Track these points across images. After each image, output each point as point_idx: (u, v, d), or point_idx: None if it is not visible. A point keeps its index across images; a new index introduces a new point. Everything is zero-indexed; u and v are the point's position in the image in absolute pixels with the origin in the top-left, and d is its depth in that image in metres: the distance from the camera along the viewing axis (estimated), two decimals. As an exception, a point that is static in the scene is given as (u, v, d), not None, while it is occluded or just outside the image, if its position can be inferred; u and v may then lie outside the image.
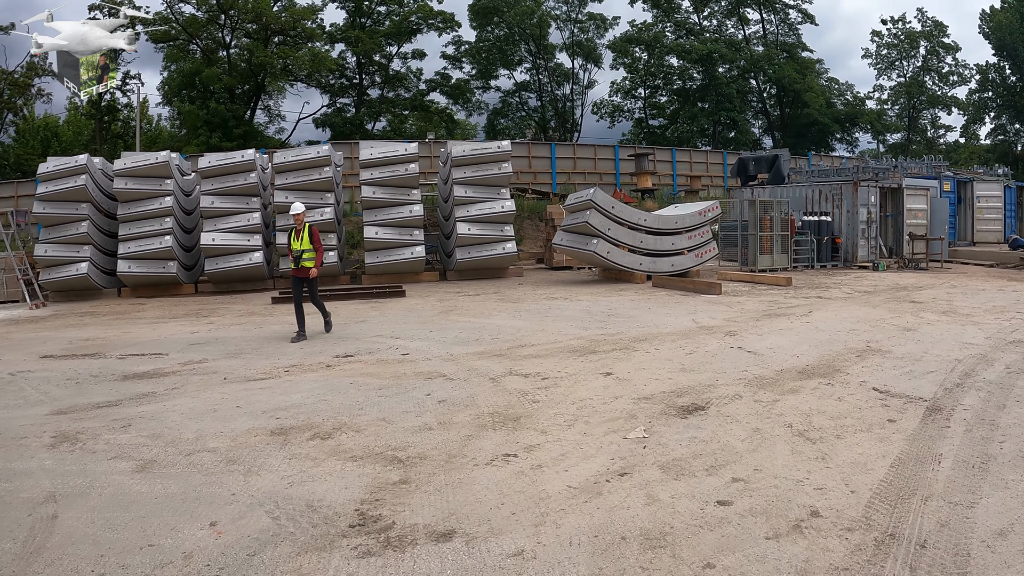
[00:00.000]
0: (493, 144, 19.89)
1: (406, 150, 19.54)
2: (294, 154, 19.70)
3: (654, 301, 14.40)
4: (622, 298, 14.97)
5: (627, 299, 14.79)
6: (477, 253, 19.48)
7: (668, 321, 11.70)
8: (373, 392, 7.44)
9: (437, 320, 12.29)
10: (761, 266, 21.28)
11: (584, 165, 35.84)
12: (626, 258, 18.13)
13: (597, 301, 14.44)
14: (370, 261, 19.31)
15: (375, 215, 19.32)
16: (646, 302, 14.27)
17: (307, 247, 11.39)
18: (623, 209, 18.17)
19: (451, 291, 17.15)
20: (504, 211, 19.55)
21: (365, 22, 45.70)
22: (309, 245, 11.39)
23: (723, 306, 13.61)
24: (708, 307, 13.46)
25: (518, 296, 15.67)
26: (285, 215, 19.31)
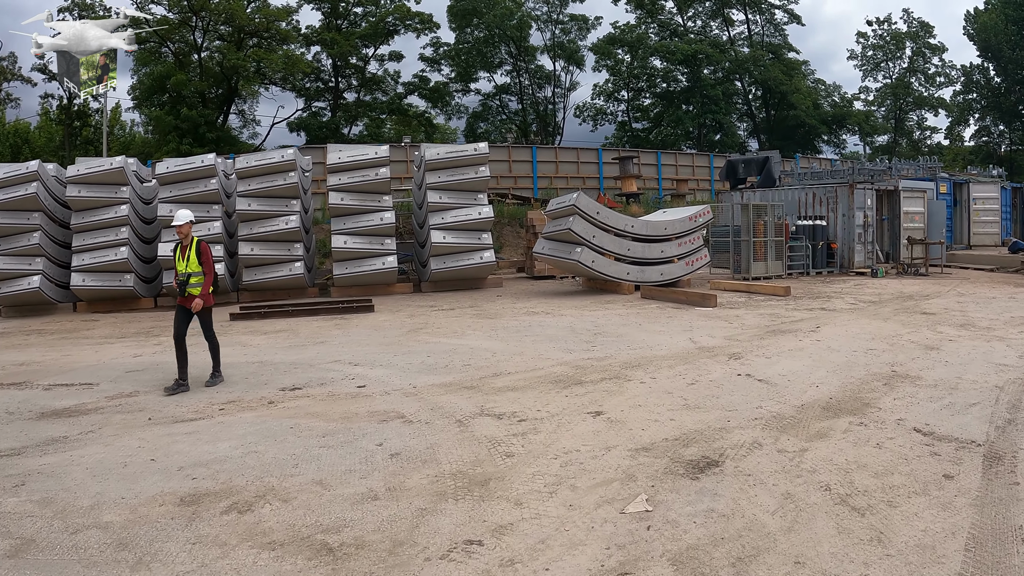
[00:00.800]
0: (469, 147, 18.64)
1: (376, 153, 18.25)
2: (257, 158, 18.38)
3: (644, 316, 13.18)
4: (609, 312, 13.75)
5: (615, 313, 13.56)
6: (453, 263, 18.22)
7: (662, 341, 10.48)
8: (315, 441, 6.15)
9: (404, 341, 11.00)
10: (755, 274, 20.15)
11: (566, 169, 34.66)
12: (612, 267, 16.93)
13: (582, 316, 13.21)
14: (339, 272, 17.99)
15: (344, 223, 18.01)
16: (636, 317, 13.05)
17: (195, 269, 8.89)
18: (608, 215, 16.96)
19: (424, 305, 15.87)
20: (482, 218, 18.30)
21: (341, 24, 44.38)
22: (198, 267, 8.89)
23: (721, 321, 12.41)
24: (705, 322, 12.25)
25: (496, 311, 14.41)
26: (249, 224, 18.00)
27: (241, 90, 38.90)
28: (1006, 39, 54.25)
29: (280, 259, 18.20)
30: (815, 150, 52.53)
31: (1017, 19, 54.86)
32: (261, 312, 15.08)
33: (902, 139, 59.95)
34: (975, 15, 57.12)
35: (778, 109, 52.35)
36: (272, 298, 18.43)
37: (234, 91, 40.74)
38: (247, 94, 41.61)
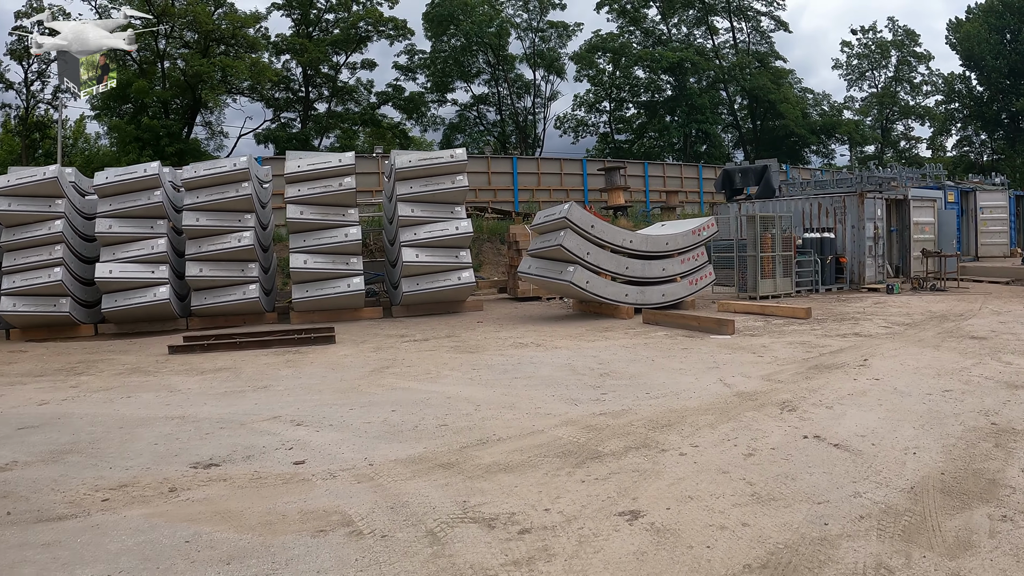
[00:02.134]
0: (445, 153, 16.59)
1: (340, 161, 16.16)
2: (206, 167, 16.22)
3: (655, 347, 11.15)
4: (611, 343, 11.71)
5: (618, 344, 11.53)
6: (427, 285, 16.13)
7: (687, 384, 8.44)
8: (214, 573, 4.04)
9: (365, 386, 8.88)
10: (763, 292, 18.32)
11: (549, 181, 32.73)
12: (609, 288, 14.93)
13: (580, 349, 11.15)
14: (298, 296, 15.87)
15: (303, 240, 15.91)
16: (644, 349, 11.02)
17: None
18: (604, 228, 14.97)
19: (394, 334, 13.75)
20: (459, 233, 16.26)
21: (312, 31, 42.28)
22: None
23: (748, 354, 10.41)
24: (729, 356, 10.24)
25: (477, 341, 12.31)
26: (198, 241, 15.87)
27: (205, 99, 36.48)
28: (989, 48, 53.52)
29: (232, 281, 16.08)
30: (803, 160, 51.02)
31: (1000, 28, 54.18)
32: (204, 344, 12.91)
33: (888, 149, 58.76)
34: (957, 24, 56.33)
35: (764, 119, 50.81)
36: (225, 324, 16.33)
37: (199, 101, 38.43)
38: (212, 104, 39.25)
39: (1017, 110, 54.18)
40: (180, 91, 38.17)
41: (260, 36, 39.65)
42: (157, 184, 16.12)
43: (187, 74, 36.47)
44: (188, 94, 38.33)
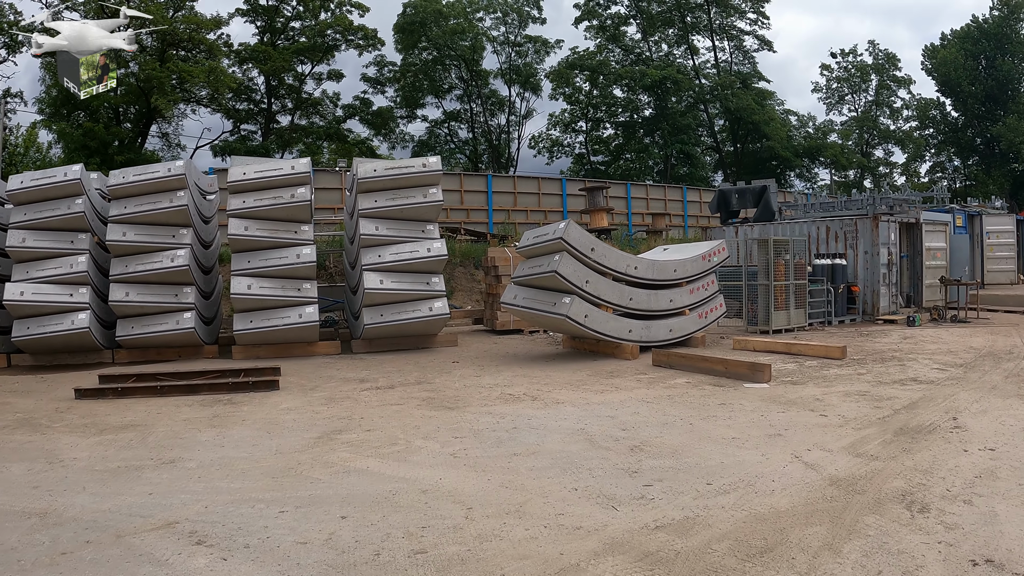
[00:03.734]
0: (416, 161, 14.24)
1: (293, 169, 13.73)
2: (136, 172, 13.72)
3: (683, 401, 8.86)
4: (626, 395, 9.39)
5: (635, 397, 9.21)
6: (393, 316, 13.71)
7: (752, 462, 6.16)
8: None
9: (308, 463, 6.45)
10: (776, 325, 16.31)
11: (526, 201, 30.53)
12: (610, 323, 12.66)
13: (590, 404, 8.81)
14: (241, 327, 13.37)
15: (248, 261, 13.45)
16: (670, 403, 8.72)
17: None
18: (606, 252, 12.71)
19: (353, 377, 11.30)
20: (431, 256, 13.91)
21: (277, 40, 39.80)
22: None
23: (803, 410, 8.18)
24: (782, 415, 7.99)
25: (456, 391, 9.91)
26: (125, 260, 13.40)
27: (158, 105, 33.65)
28: (965, 74, 52.82)
29: (164, 307, 13.59)
30: (786, 184, 49.48)
31: (975, 54, 53.64)
32: (118, 388, 10.38)
33: (867, 174, 57.69)
34: (933, 51, 55.72)
35: (746, 141, 49.23)
36: (157, 358, 13.86)
37: (153, 109, 35.65)
38: (166, 111, 36.42)
39: (993, 136, 53.61)
40: (134, 98, 35.47)
41: (221, 43, 37.17)
42: (79, 191, 13.61)
43: (139, 79, 33.76)
44: (142, 101, 35.58)
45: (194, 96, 36.67)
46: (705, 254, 14.62)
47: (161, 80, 32.02)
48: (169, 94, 32.88)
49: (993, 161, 54.72)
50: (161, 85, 32.05)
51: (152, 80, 31.98)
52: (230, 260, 19.45)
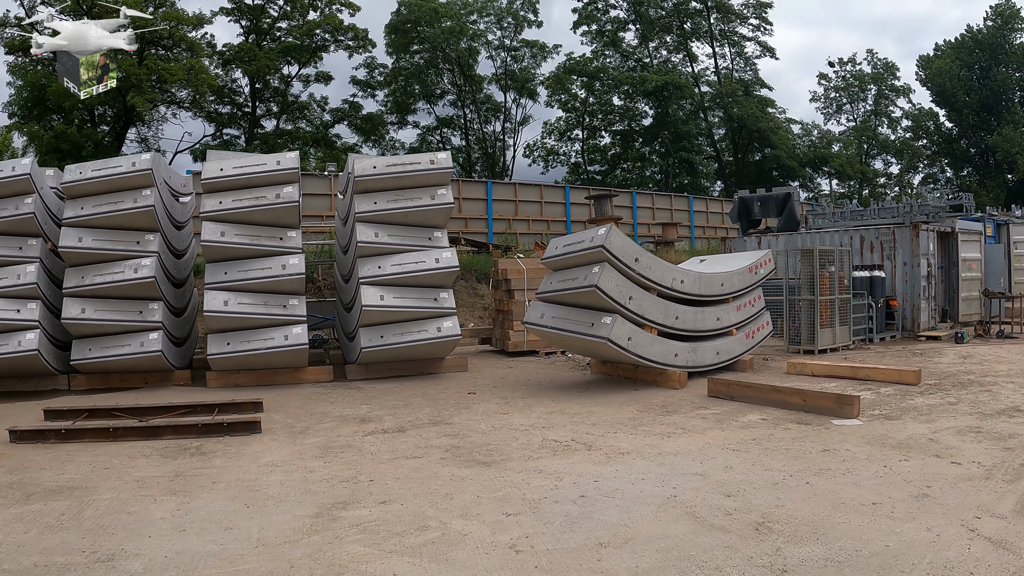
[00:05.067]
0: (422, 157, 12.31)
1: (279, 164, 11.73)
2: (96, 167, 11.71)
3: (775, 447, 6.95)
4: (698, 439, 7.46)
5: (713, 442, 7.29)
6: (396, 338, 11.72)
7: (922, 541, 4.39)
8: None
9: (304, 565, 4.48)
10: (822, 345, 14.63)
11: (528, 210, 28.65)
12: (655, 347, 10.76)
13: (663, 454, 6.87)
14: (216, 351, 11.35)
15: (224, 272, 11.46)
16: (763, 452, 6.82)
17: None
18: (651, 263, 10.83)
19: (351, 414, 9.31)
20: (440, 267, 11.97)
21: (263, 42, 37.79)
22: None
23: (927, 456, 6.41)
24: (905, 462, 6.20)
25: (485, 438, 7.92)
26: (81, 270, 11.43)
27: (135, 104, 31.46)
28: (960, 85, 51.91)
29: (126, 326, 11.59)
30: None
31: (969, 64, 52.82)
32: (62, 431, 8.36)
33: (866, 184, 56.40)
34: (928, 61, 54.80)
35: (747, 150, 47.68)
36: (120, 384, 11.90)
37: (130, 109, 33.51)
38: (143, 111, 34.26)
39: (988, 146, 52.73)
40: (111, 99, 33.41)
41: (204, 44, 35.19)
42: (29, 188, 11.61)
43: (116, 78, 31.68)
44: (119, 102, 33.47)
45: (174, 97, 34.59)
46: (752, 266, 12.83)
47: (139, 77, 29.89)
48: (147, 93, 30.74)
49: (987, 172, 53.93)
50: (139, 83, 29.91)
51: (130, 77, 29.89)
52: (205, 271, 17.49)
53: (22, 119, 34.80)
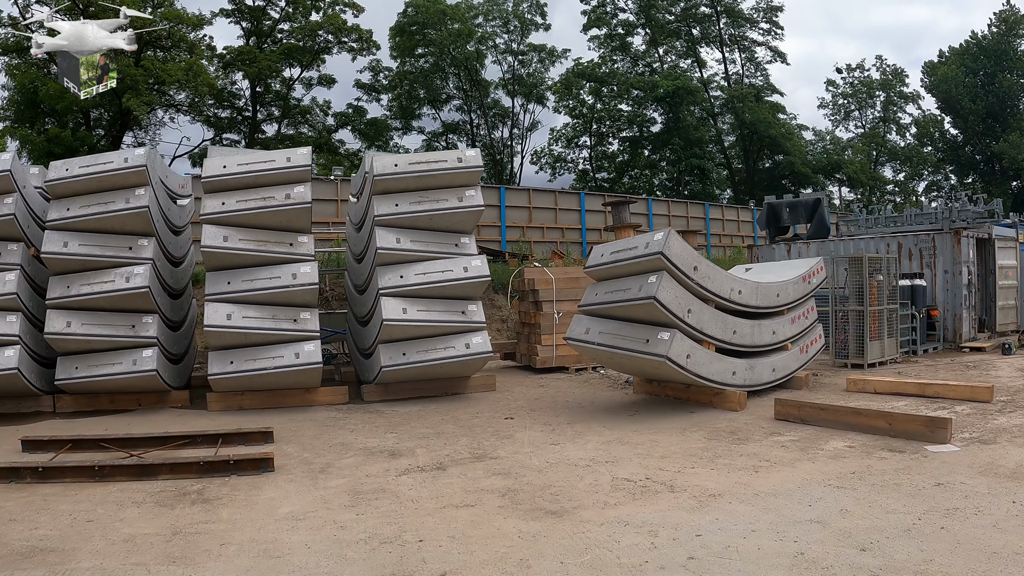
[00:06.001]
0: (449, 155, 11.07)
1: (289, 161, 10.46)
2: (83, 163, 10.47)
3: (881, 483, 5.79)
4: (790, 474, 6.23)
5: (808, 477, 6.07)
6: (420, 355, 10.46)
7: None
8: None
9: None
10: (871, 358, 13.42)
11: (542, 217, 27.44)
12: (714, 365, 9.55)
13: (758, 496, 5.64)
14: (219, 371, 10.10)
15: (227, 282, 10.21)
16: (871, 489, 5.65)
17: None
18: (711, 272, 9.63)
19: (377, 448, 8.03)
20: (469, 277, 10.74)
21: (264, 44, 36.64)
22: None
23: None
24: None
25: (543, 477, 6.64)
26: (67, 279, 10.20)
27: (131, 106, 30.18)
28: (965, 91, 51.07)
29: (118, 342, 10.34)
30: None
31: (974, 71, 52.04)
32: (39, 468, 7.11)
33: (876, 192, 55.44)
34: (933, 67, 53.97)
35: (759, 156, 46.59)
36: (110, 406, 10.69)
37: (126, 112, 32.26)
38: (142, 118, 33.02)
39: (994, 153, 51.95)
40: (107, 101, 32.22)
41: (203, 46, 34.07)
42: (8, 187, 10.38)
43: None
44: (115, 105, 32.26)
45: (172, 100, 33.36)
46: (805, 275, 11.67)
47: (135, 78, 28.65)
48: (144, 95, 29.49)
49: (993, 179, 53.15)
50: (136, 84, 28.66)
51: (126, 79, 28.65)
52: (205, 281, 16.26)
53: (14, 122, 33.60)
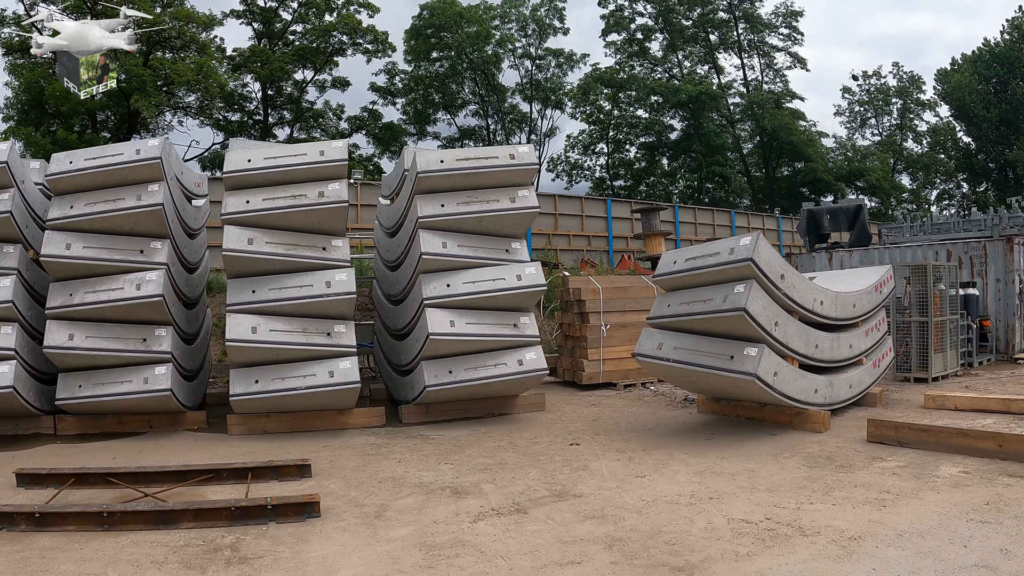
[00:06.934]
0: (500, 151, 9.96)
1: (323, 154, 9.35)
2: (89, 156, 9.29)
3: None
4: (918, 507, 5.11)
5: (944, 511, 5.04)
6: (468, 374, 9.31)
7: None
8: None
9: None
10: (935, 372, 12.56)
11: (568, 224, 26.38)
12: (798, 382, 8.46)
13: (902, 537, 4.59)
14: (241, 391, 8.94)
15: (251, 291, 9.09)
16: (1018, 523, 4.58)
17: None
18: (795, 282, 8.53)
19: (435, 483, 6.83)
20: (523, 287, 9.60)
21: (276, 46, 35.67)
22: None
23: None
24: None
25: (646, 520, 5.45)
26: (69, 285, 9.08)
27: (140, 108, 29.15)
28: (980, 99, 50.07)
29: (127, 358, 9.19)
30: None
31: (987, 78, 51.08)
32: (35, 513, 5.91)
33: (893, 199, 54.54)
34: (946, 75, 53.04)
35: (779, 163, 45.61)
36: (117, 427, 9.55)
37: (134, 113, 31.25)
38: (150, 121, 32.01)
39: (1007, 161, 51.23)
40: (114, 102, 31.24)
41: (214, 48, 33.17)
42: (6, 181, 9.24)
43: (119, 80, 29.44)
44: (122, 106, 31.26)
45: (181, 102, 32.33)
46: (876, 284, 10.63)
47: (144, 79, 27.60)
48: (153, 96, 28.44)
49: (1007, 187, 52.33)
50: (144, 84, 27.60)
51: (134, 79, 27.62)
52: (222, 289, 15.13)
53: (18, 123, 32.62)
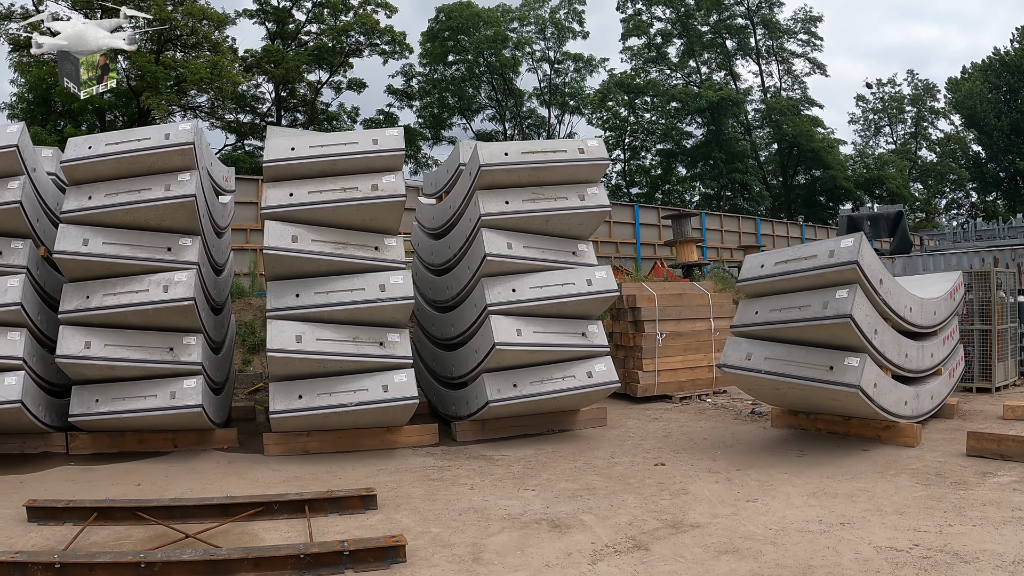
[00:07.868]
0: (568, 144, 9.04)
1: (375, 143, 8.39)
2: (111, 140, 8.25)
3: None
4: None
5: None
6: (534, 387, 8.35)
7: None
8: None
9: None
10: (998, 382, 11.80)
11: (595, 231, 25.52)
12: (892, 394, 7.69)
13: None
14: (283, 408, 7.96)
15: (295, 294, 8.14)
16: None
17: None
18: (891, 288, 7.72)
19: (523, 515, 5.81)
20: (593, 292, 8.65)
21: (290, 46, 34.90)
22: None
23: None
24: None
25: (784, 553, 4.52)
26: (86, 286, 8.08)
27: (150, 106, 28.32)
28: (991, 107, 49.44)
29: (151, 369, 8.17)
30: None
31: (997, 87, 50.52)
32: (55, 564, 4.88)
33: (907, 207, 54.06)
34: (956, 84, 52.48)
35: (797, 171, 44.93)
36: (138, 446, 8.52)
37: (144, 112, 30.45)
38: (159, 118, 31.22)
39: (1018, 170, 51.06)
40: (124, 101, 30.40)
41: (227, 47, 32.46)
42: (16, 168, 8.19)
43: (130, 78, 28.61)
44: (132, 105, 30.45)
45: (192, 102, 31.52)
46: (951, 291, 9.89)
47: (156, 76, 26.75)
48: (164, 94, 27.62)
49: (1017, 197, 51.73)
50: (156, 83, 26.76)
51: (145, 76, 26.75)
52: (246, 293, 14.21)
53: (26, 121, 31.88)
